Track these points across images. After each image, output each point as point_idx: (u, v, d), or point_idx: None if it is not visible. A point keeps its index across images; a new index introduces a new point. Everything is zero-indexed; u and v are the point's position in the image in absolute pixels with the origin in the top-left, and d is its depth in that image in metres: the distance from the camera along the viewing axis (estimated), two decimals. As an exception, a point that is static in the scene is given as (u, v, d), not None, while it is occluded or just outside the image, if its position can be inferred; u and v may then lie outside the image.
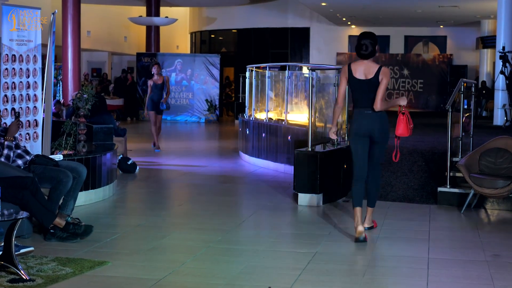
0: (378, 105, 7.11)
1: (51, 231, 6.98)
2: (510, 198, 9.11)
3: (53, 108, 11.56)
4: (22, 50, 8.76)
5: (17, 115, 7.77)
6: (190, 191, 10.90)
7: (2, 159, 7.18)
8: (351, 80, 7.23)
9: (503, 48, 16.34)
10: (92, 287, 5.59)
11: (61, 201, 7.40)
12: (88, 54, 30.55)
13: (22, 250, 6.36)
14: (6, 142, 7.27)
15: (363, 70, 7.19)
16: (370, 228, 7.70)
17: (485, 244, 7.29)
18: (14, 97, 8.63)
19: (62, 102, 18.18)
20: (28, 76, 8.89)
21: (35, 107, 9.04)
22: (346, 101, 9.96)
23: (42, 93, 9.17)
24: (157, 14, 28.60)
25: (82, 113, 9.56)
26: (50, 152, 9.17)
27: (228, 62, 31.71)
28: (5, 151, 7.24)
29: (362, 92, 7.21)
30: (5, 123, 8.10)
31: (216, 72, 26.20)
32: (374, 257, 6.72)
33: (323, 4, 23.84)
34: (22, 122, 8.67)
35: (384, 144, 7.42)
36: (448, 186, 9.46)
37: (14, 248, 5.84)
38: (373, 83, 7.12)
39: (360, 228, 7.19)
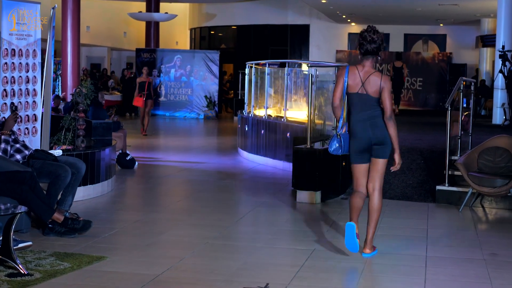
0: None
1: (50, 226, 6.98)
2: (508, 197, 9.11)
3: (52, 102, 11.54)
4: (22, 44, 8.75)
5: (14, 108, 7.77)
6: (189, 187, 10.90)
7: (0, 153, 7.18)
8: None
9: (503, 47, 16.34)
10: (90, 282, 5.59)
11: (59, 196, 7.40)
12: (87, 49, 30.53)
13: (21, 245, 6.35)
14: (2, 136, 7.27)
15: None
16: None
17: (483, 243, 7.30)
18: (14, 91, 8.62)
19: (63, 96, 18.19)
20: (28, 71, 8.88)
21: (34, 101, 9.03)
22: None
23: (42, 88, 9.16)
24: (157, 9, 28.57)
25: (81, 108, 9.56)
26: (49, 147, 9.16)
27: (228, 58, 31.67)
28: (2, 145, 7.24)
29: None
30: (3, 117, 8.09)
31: (216, 69, 26.16)
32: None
33: (323, 1, 23.82)
34: (20, 116, 8.65)
35: None
36: (447, 185, 9.47)
37: (13, 242, 5.84)
38: None
39: None
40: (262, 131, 13.46)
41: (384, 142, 6.43)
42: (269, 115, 13.84)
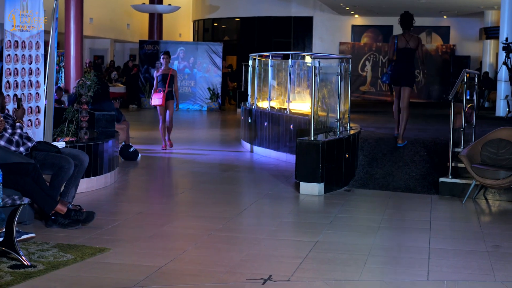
0: None
1: (53, 217, 6.99)
2: (511, 189, 9.10)
3: (54, 94, 11.54)
4: (25, 36, 8.75)
5: (19, 101, 7.81)
6: (192, 179, 10.90)
7: (16, 137, 7.20)
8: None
9: (506, 39, 16.32)
10: (93, 274, 5.60)
11: (62, 188, 7.40)
12: (90, 41, 30.50)
13: (24, 236, 6.37)
14: (17, 124, 7.33)
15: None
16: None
17: (486, 235, 7.30)
18: (17, 83, 8.62)
19: (63, 86, 18.19)
20: (31, 63, 8.88)
21: (37, 93, 9.03)
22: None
23: (45, 80, 9.16)
24: (160, 1, 28.56)
25: (84, 100, 9.55)
26: (52, 139, 9.16)
27: (231, 50, 31.64)
28: (18, 131, 7.28)
29: None
30: (7, 109, 8.09)
31: (219, 61, 26.13)
32: (375, 247, 6.72)
33: (327, -7, 23.79)
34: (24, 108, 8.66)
35: None
36: (450, 177, 9.46)
37: (16, 234, 5.85)
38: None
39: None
40: (265, 123, 13.46)
41: (408, 78, 10.82)
42: (273, 107, 13.83)
